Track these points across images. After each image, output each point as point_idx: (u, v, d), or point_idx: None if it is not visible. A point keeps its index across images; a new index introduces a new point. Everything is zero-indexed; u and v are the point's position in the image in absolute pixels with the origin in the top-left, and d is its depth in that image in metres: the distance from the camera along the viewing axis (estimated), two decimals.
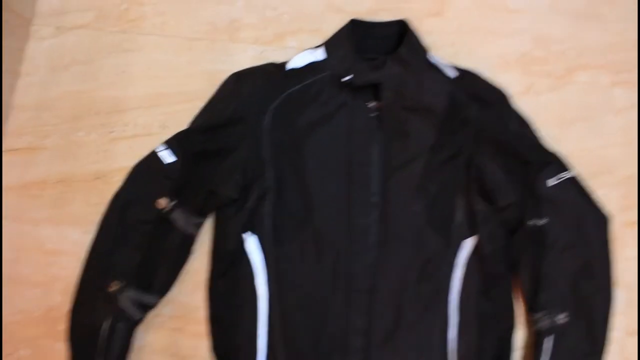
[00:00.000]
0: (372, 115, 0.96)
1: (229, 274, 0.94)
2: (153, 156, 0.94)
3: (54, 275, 1.01)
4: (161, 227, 0.91)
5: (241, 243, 0.93)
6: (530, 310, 0.91)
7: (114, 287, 0.87)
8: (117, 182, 0.95)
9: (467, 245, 0.92)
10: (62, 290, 0.99)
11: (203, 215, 0.95)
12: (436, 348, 0.90)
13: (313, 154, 0.94)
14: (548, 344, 0.87)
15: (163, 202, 0.90)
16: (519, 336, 0.96)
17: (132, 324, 0.89)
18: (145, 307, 0.91)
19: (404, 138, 0.95)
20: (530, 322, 0.92)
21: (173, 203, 0.91)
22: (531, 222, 0.91)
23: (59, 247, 1.02)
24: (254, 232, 0.93)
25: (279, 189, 0.94)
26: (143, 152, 0.95)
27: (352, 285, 0.90)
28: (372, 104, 0.96)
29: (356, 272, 0.91)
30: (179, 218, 0.91)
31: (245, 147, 0.94)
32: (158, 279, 0.91)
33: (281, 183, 0.94)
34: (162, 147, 0.93)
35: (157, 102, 1.09)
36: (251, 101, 0.96)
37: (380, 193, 0.92)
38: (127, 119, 1.08)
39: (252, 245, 0.93)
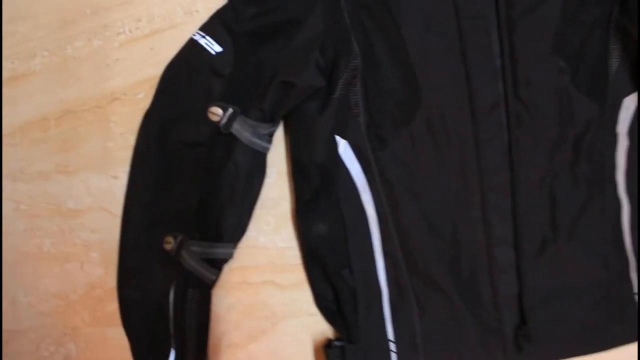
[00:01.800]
0: None
1: (322, 196, 0.81)
2: (192, 47, 0.80)
3: (85, 243, 0.90)
4: (220, 147, 0.79)
5: (334, 150, 0.80)
6: None
7: (169, 243, 0.77)
8: (144, 98, 0.86)
9: (630, 105, 0.79)
10: (100, 259, 0.89)
11: (274, 120, 0.81)
12: (609, 246, 0.79)
13: (407, 14, 0.79)
14: None
15: (217, 111, 0.77)
16: None
17: (205, 288, 0.79)
18: (219, 263, 0.80)
19: None
20: None
21: (231, 110, 0.77)
22: None
23: (82, 204, 0.90)
24: (345, 133, 0.79)
25: (370, 66, 0.79)
26: (171, 52, 0.82)
27: (486, 182, 0.79)
28: None
29: (488, 164, 0.79)
30: (243, 129, 0.78)
31: (319, 15, 0.79)
32: (228, 220, 0.80)
33: (372, 58, 0.79)
34: (200, 36, 0.80)
35: None
36: None
37: (506, 52, 0.78)
38: (138, 11, 0.91)
39: (349, 150, 0.80)
